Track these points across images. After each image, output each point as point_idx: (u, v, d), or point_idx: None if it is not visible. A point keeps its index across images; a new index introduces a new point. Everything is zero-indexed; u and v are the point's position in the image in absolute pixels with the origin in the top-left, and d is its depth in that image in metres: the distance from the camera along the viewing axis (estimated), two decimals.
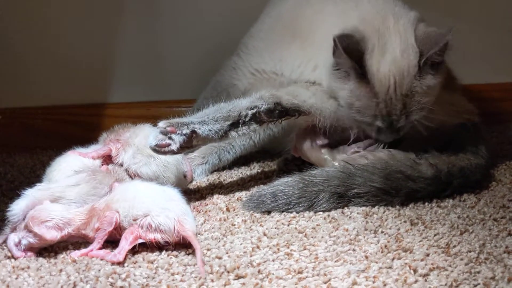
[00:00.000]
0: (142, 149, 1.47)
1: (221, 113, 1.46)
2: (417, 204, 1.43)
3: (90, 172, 1.40)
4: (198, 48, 2.02)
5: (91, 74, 2.03)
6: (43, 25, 1.98)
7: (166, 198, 1.27)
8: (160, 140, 1.39)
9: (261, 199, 1.42)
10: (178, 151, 1.40)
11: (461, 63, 1.61)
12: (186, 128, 1.41)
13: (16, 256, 1.20)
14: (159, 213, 1.21)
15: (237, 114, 1.46)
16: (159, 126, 1.41)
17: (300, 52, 1.62)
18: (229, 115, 1.46)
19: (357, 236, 1.27)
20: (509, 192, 1.49)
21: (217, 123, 1.44)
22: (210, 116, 1.45)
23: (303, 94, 1.55)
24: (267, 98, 1.50)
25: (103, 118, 2.01)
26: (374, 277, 1.10)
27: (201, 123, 1.43)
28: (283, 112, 1.51)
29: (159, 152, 1.40)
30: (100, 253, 1.20)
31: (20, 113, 2.01)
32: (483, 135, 1.61)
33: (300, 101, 1.53)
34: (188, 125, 1.41)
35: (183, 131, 1.40)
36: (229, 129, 1.45)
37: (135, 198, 1.25)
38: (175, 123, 1.41)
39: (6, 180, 1.70)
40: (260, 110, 1.48)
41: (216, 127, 1.44)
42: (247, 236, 1.28)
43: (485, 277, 1.09)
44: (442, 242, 1.24)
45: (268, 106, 1.49)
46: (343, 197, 1.41)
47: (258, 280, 1.09)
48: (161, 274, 1.13)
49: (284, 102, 1.51)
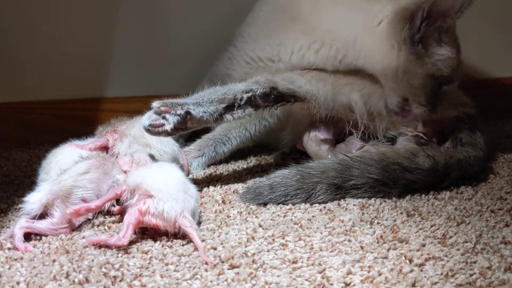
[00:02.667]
0: (138, 138, 1.48)
1: (216, 96, 1.45)
2: (414, 196, 1.42)
3: (99, 158, 1.40)
4: (196, 43, 2.02)
5: (88, 68, 2.02)
6: (40, 20, 1.97)
7: (181, 189, 1.25)
8: (153, 120, 1.38)
9: (258, 191, 1.41)
10: (172, 131, 1.39)
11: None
12: (181, 108, 1.39)
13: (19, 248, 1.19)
14: (166, 200, 1.20)
15: (232, 97, 1.45)
16: (153, 106, 1.39)
17: (302, 36, 1.60)
18: (224, 98, 1.45)
19: (352, 227, 1.26)
20: (506, 185, 1.49)
21: (212, 105, 1.43)
22: (205, 98, 1.44)
23: (298, 80, 1.55)
24: (263, 83, 1.50)
25: (100, 113, 2.00)
26: (369, 267, 1.09)
27: (196, 104, 1.42)
28: (279, 97, 1.51)
29: (152, 132, 1.38)
30: (102, 238, 1.19)
31: (17, 107, 2.00)
32: (481, 128, 1.61)
33: (296, 86, 1.53)
34: (182, 105, 1.40)
35: (177, 112, 1.39)
36: (224, 111, 1.44)
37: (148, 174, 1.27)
38: (169, 103, 1.39)
39: (2, 174, 1.69)
40: (255, 94, 1.47)
41: (211, 109, 1.42)
42: (242, 227, 1.27)
43: (482, 266, 1.09)
44: (438, 233, 1.23)
45: (264, 90, 1.48)
46: (340, 189, 1.41)
47: (252, 270, 1.08)
48: (155, 264, 1.12)
49: (280, 87, 1.51)
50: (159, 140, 1.51)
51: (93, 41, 2.00)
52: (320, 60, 1.59)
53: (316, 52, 1.59)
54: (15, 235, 1.20)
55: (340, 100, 1.55)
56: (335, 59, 1.57)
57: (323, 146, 1.59)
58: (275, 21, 1.66)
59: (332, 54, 1.56)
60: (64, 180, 1.30)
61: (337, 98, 1.55)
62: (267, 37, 1.66)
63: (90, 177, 1.32)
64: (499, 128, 1.96)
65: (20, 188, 1.56)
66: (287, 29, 1.62)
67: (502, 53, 2.14)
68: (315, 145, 1.59)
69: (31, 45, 1.97)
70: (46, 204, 1.25)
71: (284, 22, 1.64)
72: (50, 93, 2.01)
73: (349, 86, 1.56)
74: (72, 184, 1.29)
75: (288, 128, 1.69)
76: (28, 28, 1.96)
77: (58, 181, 1.30)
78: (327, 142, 1.59)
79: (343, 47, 1.55)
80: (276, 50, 1.64)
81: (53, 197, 1.26)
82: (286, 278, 1.06)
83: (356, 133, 1.58)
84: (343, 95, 1.55)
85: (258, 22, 1.71)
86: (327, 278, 1.06)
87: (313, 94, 1.53)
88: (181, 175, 1.32)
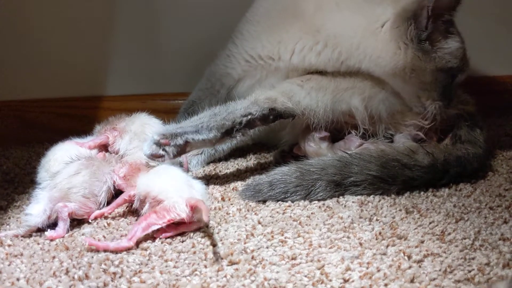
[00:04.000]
0: (139, 134, 1.50)
1: (215, 122, 1.47)
2: (413, 193, 1.42)
3: (87, 158, 1.41)
4: (195, 41, 2.01)
5: (87, 67, 2.02)
6: (38, 18, 1.97)
7: (186, 184, 1.28)
8: (154, 151, 1.42)
9: (258, 188, 1.41)
10: (171, 159, 1.44)
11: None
12: (180, 139, 1.44)
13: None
14: (173, 195, 1.22)
15: (231, 123, 1.48)
16: (153, 138, 1.43)
17: (304, 36, 1.60)
18: (224, 124, 1.47)
19: (351, 224, 1.26)
20: (505, 182, 1.49)
21: (211, 132, 1.46)
22: (204, 125, 1.47)
23: (297, 94, 1.55)
24: (262, 103, 1.51)
25: (99, 111, 2.00)
26: (368, 263, 1.09)
27: (195, 133, 1.46)
28: (277, 117, 1.53)
29: (153, 160, 1.43)
30: (110, 246, 1.17)
31: (16, 106, 2.00)
32: (480, 125, 1.61)
33: (294, 102, 1.53)
34: (181, 135, 1.44)
35: (176, 143, 1.44)
36: (223, 136, 1.48)
37: (154, 181, 1.29)
38: (168, 135, 1.44)
39: (2, 172, 1.70)
40: (254, 117, 1.50)
41: (210, 136, 1.47)
42: (241, 224, 1.28)
43: (480, 263, 1.09)
44: (437, 229, 1.23)
45: (263, 112, 1.50)
46: (340, 186, 1.41)
47: (251, 266, 1.09)
48: (154, 261, 1.13)
49: (278, 107, 1.52)
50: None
51: (92, 39, 2.00)
52: (321, 61, 1.59)
53: (318, 54, 1.58)
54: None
55: (340, 108, 1.56)
56: (337, 61, 1.57)
57: (322, 144, 1.59)
58: (276, 18, 1.65)
59: (334, 57, 1.56)
60: (59, 183, 1.31)
61: (336, 107, 1.55)
62: (267, 34, 1.65)
63: (82, 177, 1.33)
64: (498, 126, 1.96)
65: (20, 186, 1.57)
66: (288, 27, 1.61)
67: (501, 51, 2.14)
68: (314, 145, 1.59)
69: (30, 44, 1.98)
70: (50, 214, 1.26)
71: (285, 19, 1.62)
72: (50, 91, 2.01)
73: (350, 91, 1.56)
74: (68, 186, 1.30)
75: (287, 127, 1.69)
76: (27, 27, 1.96)
77: (53, 185, 1.30)
78: (326, 139, 1.59)
79: (347, 50, 1.54)
80: (276, 48, 1.64)
81: (54, 204, 1.26)
82: (285, 274, 1.06)
83: (355, 132, 1.59)
84: (343, 102, 1.56)
85: (258, 18, 1.70)
86: (326, 274, 1.06)
87: (312, 109, 1.54)
88: (184, 175, 1.35)
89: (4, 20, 1.95)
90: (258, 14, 1.71)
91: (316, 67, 1.60)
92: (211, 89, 1.77)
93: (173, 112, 1.89)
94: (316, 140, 1.59)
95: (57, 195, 1.28)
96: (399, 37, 1.48)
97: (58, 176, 1.34)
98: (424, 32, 1.47)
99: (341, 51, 1.55)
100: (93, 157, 1.44)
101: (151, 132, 1.50)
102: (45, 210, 1.25)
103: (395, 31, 1.49)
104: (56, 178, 1.33)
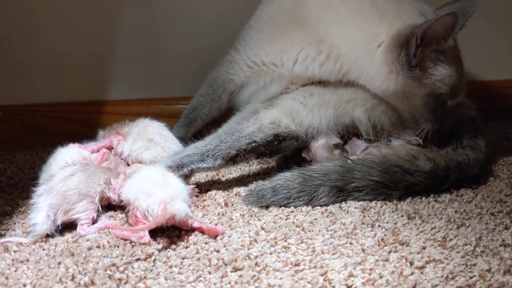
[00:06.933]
0: (142, 134, 1.53)
1: (220, 151, 1.52)
2: (415, 199, 1.43)
3: (82, 163, 1.42)
4: (198, 46, 2.02)
5: (90, 71, 2.03)
6: (41, 22, 1.98)
7: (159, 184, 1.29)
8: None
9: (261, 194, 1.42)
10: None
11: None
12: (186, 169, 1.50)
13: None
14: (145, 199, 1.25)
15: (235, 151, 1.53)
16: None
17: (307, 45, 1.60)
18: (229, 152, 1.52)
19: (354, 230, 1.27)
20: (506, 187, 1.50)
21: (217, 161, 1.52)
22: (210, 153, 1.52)
23: (300, 113, 1.58)
24: (266, 129, 1.55)
25: (102, 115, 2.01)
26: (370, 270, 1.10)
27: (200, 162, 1.52)
28: (281, 142, 1.57)
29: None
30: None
31: (20, 110, 2.01)
32: (482, 130, 1.62)
33: (297, 123, 1.56)
34: (187, 166, 1.50)
35: (182, 173, 1.48)
36: (227, 162, 1.53)
37: (131, 187, 1.32)
38: (174, 166, 1.48)
39: (6, 176, 1.71)
40: (259, 144, 1.54)
41: (216, 164, 1.53)
42: (245, 230, 1.29)
43: (481, 269, 1.10)
44: (438, 235, 1.24)
45: (268, 140, 1.55)
46: (342, 191, 1.42)
47: (255, 272, 1.10)
48: (159, 267, 1.14)
49: (282, 131, 1.55)
50: (163, 136, 1.58)
51: (95, 44, 2.01)
52: (324, 72, 1.60)
53: (321, 65, 1.59)
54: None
55: (343, 122, 1.58)
56: (338, 73, 1.58)
57: (335, 151, 1.58)
58: (279, 26, 1.65)
59: (336, 69, 1.57)
60: (54, 186, 1.32)
61: (340, 120, 1.57)
62: (270, 41, 1.66)
63: (78, 179, 1.34)
64: (498, 131, 1.97)
65: (24, 191, 1.58)
66: (292, 36, 1.62)
67: (501, 56, 2.15)
68: (327, 152, 1.57)
69: (33, 48, 1.98)
70: (55, 218, 1.27)
71: (289, 28, 1.63)
72: (53, 96, 2.02)
73: (352, 102, 1.58)
74: (64, 189, 1.30)
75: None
76: (30, 32, 1.97)
77: (49, 189, 1.31)
78: (339, 147, 1.59)
79: (347, 63, 1.56)
80: (279, 56, 1.64)
81: (56, 209, 1.27)
82: (289, 280, 1.07)
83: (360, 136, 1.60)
84: (346, 115, 1.58)
85: (261, 26, 1.70)
86: (329, 281, 1.07)
87: (315, 127, 1.56)
88: (159, 172, 1.36)
89: (8, 24, 1.96)
90: (261, 21, 1.71)
91: (319, 77, 1.62)
92: (212, 94, 1.78)
93: (175, 116, 1.90)
94: (330, 147, 1.58)
95: (55, 202, 1.28)
96: (391, 62, 1.50)
97: (52, 178, 1.35)
98: (413, 60, 1.48)
99: (342, 63, 1.56)
100: (89, 164, 1.45)
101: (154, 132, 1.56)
102: (48, 216, 1.26)
103: (388, 56, 1.50)
104: (51, 181, 1.34)
